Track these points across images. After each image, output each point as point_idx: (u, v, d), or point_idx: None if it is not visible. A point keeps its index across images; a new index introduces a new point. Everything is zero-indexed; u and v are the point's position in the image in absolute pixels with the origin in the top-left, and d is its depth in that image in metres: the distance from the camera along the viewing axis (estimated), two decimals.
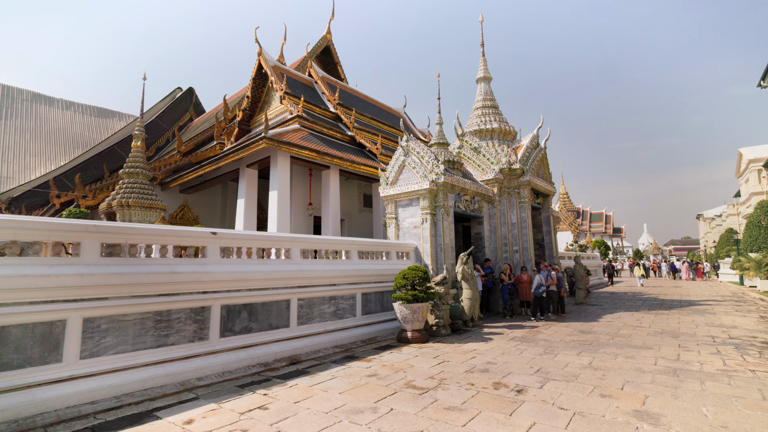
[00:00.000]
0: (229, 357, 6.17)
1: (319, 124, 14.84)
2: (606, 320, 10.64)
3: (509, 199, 13.42)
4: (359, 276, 8.94)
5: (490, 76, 16.16)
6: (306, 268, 7.71)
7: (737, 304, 14.05)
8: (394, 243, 10.47)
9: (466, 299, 9.73)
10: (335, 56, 24.68)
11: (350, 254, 9.07)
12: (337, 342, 7.90)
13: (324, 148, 13.07)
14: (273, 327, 7.05)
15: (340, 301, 8.44)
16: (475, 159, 13.93)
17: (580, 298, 14.52)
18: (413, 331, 8.04)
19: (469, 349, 7.33)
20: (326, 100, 17.92)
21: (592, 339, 8.14)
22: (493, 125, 14.86)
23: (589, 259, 26.89)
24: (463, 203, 11.85)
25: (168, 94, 33.04)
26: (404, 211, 11.48)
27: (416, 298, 8.08)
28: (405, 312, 8.02)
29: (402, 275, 8.28)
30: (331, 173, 13.81)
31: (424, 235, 10.81)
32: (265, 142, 11.16)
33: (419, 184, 10.91)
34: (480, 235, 12.94)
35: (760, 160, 34.08)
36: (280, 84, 15.15)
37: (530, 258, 12.98)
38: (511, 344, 7.71)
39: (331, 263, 8.36)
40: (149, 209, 12.83)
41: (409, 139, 11.65)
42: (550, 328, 9.49)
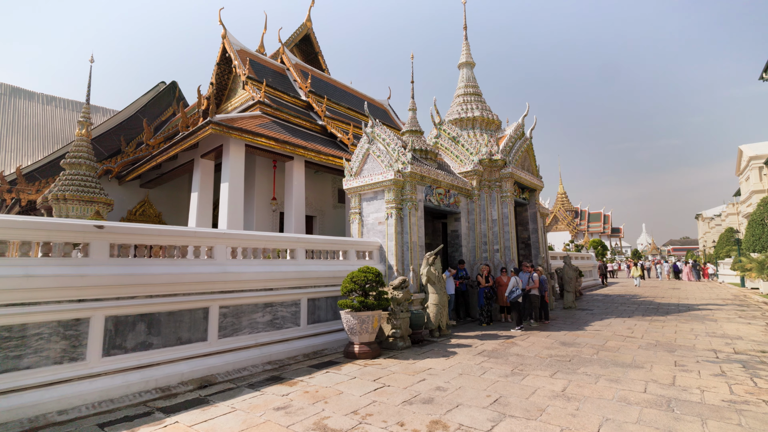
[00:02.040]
0: (113, 381, 4.93)
1: (285, 112, 13.60)
2: (594, 329, 9.41)
3: (490, 194, 12.18)
4: (306, 279, 7.71)
5: (472, 61, 14.94)
6: (232, 270, 6.47)
7: (740, 309, 12.85)
8: (354, 241, 9.23)
9: (431, 305, 8.49)
10: (316, 45, 23.43)
11: (295, 253, 7.83)
12: (270, 357, 6.66)
13: (284, 135, 11.83)
14: (184, 341, 5.81)
15: (279, 309, 7.20)
16: (453, 150, 12.70)
17: (568, 301, 13.30)
18: (361, 345, 6.80)
19: (423, 367, 6.09)
20: (298, 88, 16.67)
21: (574, 353, 6.91)
22: (474, 113, 13.64)
23: (583, 260, 25.69)
24: (435, 197, 10.62)
25: (151, 89, 31.88)
26: (368, 206, 10.24)
27: (365, 306, 6.84)
28: (352, 322, 6.78)
29: (350, 278, 7.05)
30: (295, 164, 12.57)
31: (388, 231, 9.57)
32: (211, 127, 9.92)
33: (383, 175, 9.68)
34: (457, 233, 11.70)
35: (761, 157, 32.93)
36: (243, 68, 13.91)
37: (513, 258, 11.75)
38: (476, 361, 6.47)
39: (266, 264, 7.12)
40: (90, 203, 11.57)
41: (375, 125, 10.41)
42: (527, 339, 8.26)
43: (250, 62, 15.18)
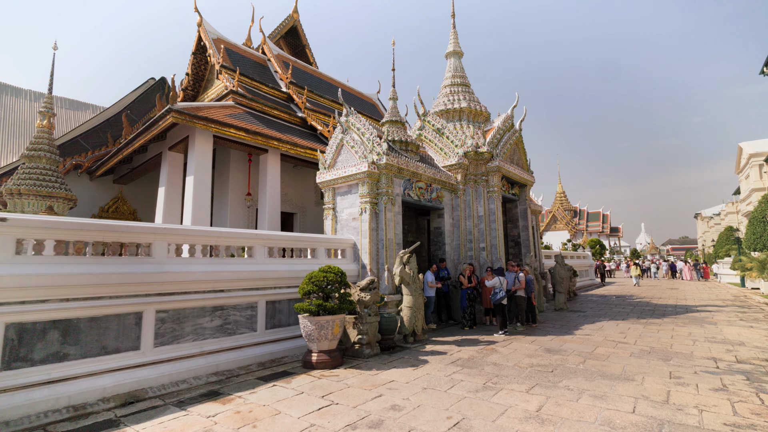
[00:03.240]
0: (12, 399, 4.21)
1: (261, 103, 12.86)
2: (584, 333, 8.70)
3: (476, 188, 11.47)
4: (265, 279, 6.99)
5: (460, 50, 14.22)
6: (172, 269, 5.74)
7: (741, 311, 12.15)
8: (323, 238, 8.51)
9: (405, 308, 7.78)
10: (303, 38, 22.66)
11: (253, 251, 7.11)
12: (218, 367, 5.94)
13: (255, 126, 11.09)
14: (110, 351, 5.08)
15: (232, 313, 6.48)
16: (437, 142, 11.98)
17: (560, 303, 12.59)
18: (320, 353, 6.08)
19: (384, 380, 5.37)
20: (279, 79, 15.93)
21: (558, 363, 6.20)
22: (461, 104, 12.92)
23: (579, 259, 25.01)
24: (415, 191, 9.90)
25: (140, 85, 31.15)
26: (343, 200, 9.52)
27: (324, 309, 6.12)
28: (309, 328, 6.06)
29: (308, 278, 6.32)
30: (270, 157, 11.84)
31: (362, 228, 8.85)
32: (172, 116, 9.20)
33: (357, 167, 8.96)
34: (440, 230, 10.99)
35: (761, 154, 32.25)
36: (218, 56, 13.18)
37: (500, 257, 11.03)
38: (447, 371, 5.76)
39: (216, 263, 6.39)
40: (47, 198, 10.83)
41: (350, 114, 9.69)
42: (509, 345, 7.54)
43: (226, 51, 14.44)
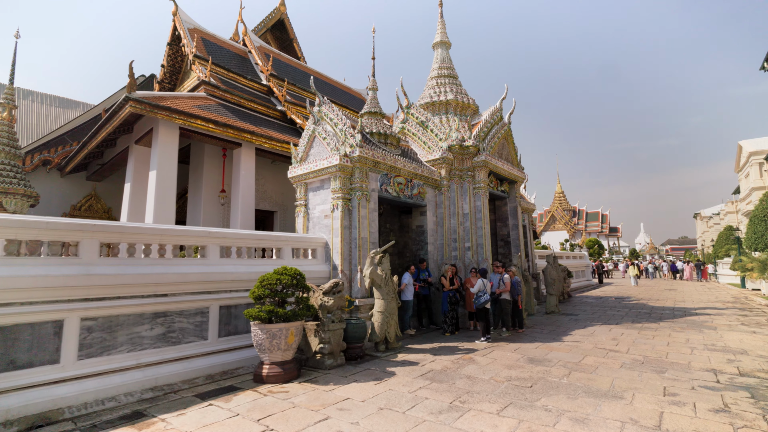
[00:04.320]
0: None
1: (237, 95, 12.20)
2: (573, 339, 8.05)
3: (461, 184, 10.81)
4: (218, 282, 6.32)
5: (448, 40, 13.57)
6: (100, 271, 5.08)
7: (742, 314, 11.51)
8: (289, 236, 7.84)
9: (376, 313, 7.11)
10: (290, 32, 22.00)
11: (206, 251, 6.45)
12: (157, 381, 5.27)
13: (225, 118, 10.42)
14: (20, 366, 4.41)
15: (177, 320, 5.81)
16: (421, 135, 11.32)
17: (551, 306, 11.94)
18: (272, 366, 5.41)
19: (338, 397, 4.71)
20: (259, 71, 15.27)
21: (540, 375, 5.54)
22: (448, 97, 12.27)
23: (575, 259, 24.37)
24: (394, 187, 9.24)
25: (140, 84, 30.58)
26: (315, 196, 8.86)
27: (276, 316, 5.45)
28: (260, 337, 5.40)
29: (261, 281, 5.66)
30: (243, 152, 11.18)
31: (334, 226, 8.20)
32: (131, 105, 8.54)
33: (329, 160, 8.30)
34: (422, 229, 10.33)
35: (761, 152, 31.63)
36: (191, 46, 12.53)
37: (486, 257, 10.37)
38: (412, 386, 5.10)
39: (157, 264, 5.72)
40: (4, 195, 10.16)
41: (323, 103, 9.03)
42: (490, 354, 6.88)
43: (202, 41, 13.77)
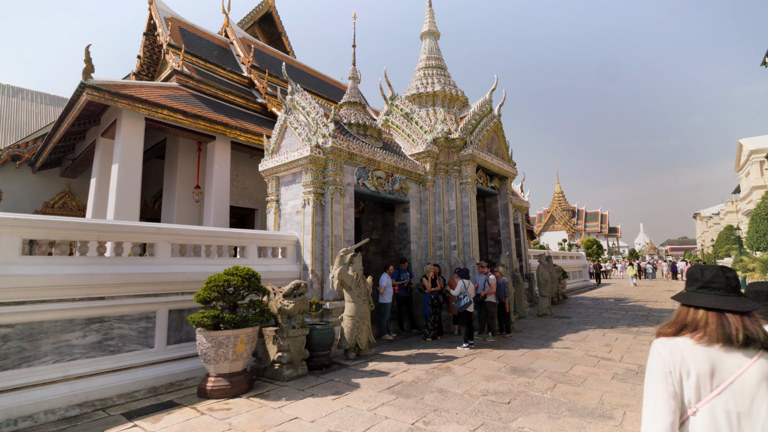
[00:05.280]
0: None
1: (213, 86, 11.58)
2: (563, 345, 7.44)
3: (447, 180, 10.20)
4: (168, 283, 5.71)
5: (436, 30, 12.97)
6: (18, 272, 4.46)
7: None
8: (255, 234, 7.22)
9: (346, 317, 6.50)
10: (279, 25, 21.41)
11: (155, 249, 5.84)
12: (87, 396, 4.65)
13: (197, 109, 9.81)
14: None
15: (117, 326, 5.20)
16: (405, 128, 10.71)
17: (543, 308, 11.32)
18: (218, 378, 4.80)
19: (285, 417, 4.10)
20: (241, 63, 14.67)
21: (521, 389, 4.93)
22: (435, 88, 11.66)
23: (572, 259, 23.76)
24: (372, 181, 8.63)
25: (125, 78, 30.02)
26: (287, 191, 8.25)
27: (223, 322, 4.84)
28: (204, 345, 4.79)
29: (208, 283, 5.04)
30: (218, 145, 10.57)
31: (305, 222, 7.59)
32: (87, 93, 7.93)
33: (300, 151, 7.69)
34: (405, 226, 9.71)
35: (762, 150, 31.07)
36: (165, 35, 11.91)
37: (473, 256, 9.76)
38: (374, 402, 4.49)
39: (91, 263, 5.10)
40: None
41: (296, 91, 8.42)
42: (470, 362, 6.27)
43: (180, 31, 13.16)
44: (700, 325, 1.32)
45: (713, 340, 1.28)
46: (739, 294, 1.34)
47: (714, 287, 1.36)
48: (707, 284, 1.38)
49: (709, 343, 1.28)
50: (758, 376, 1.22)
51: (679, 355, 1.30)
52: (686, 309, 1.39)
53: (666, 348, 1.32)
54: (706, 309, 1.33)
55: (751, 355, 1.25)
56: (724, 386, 1.24)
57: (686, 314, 1.37)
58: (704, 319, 1.32)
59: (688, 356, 1.28)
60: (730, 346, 1.26)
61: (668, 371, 1.29)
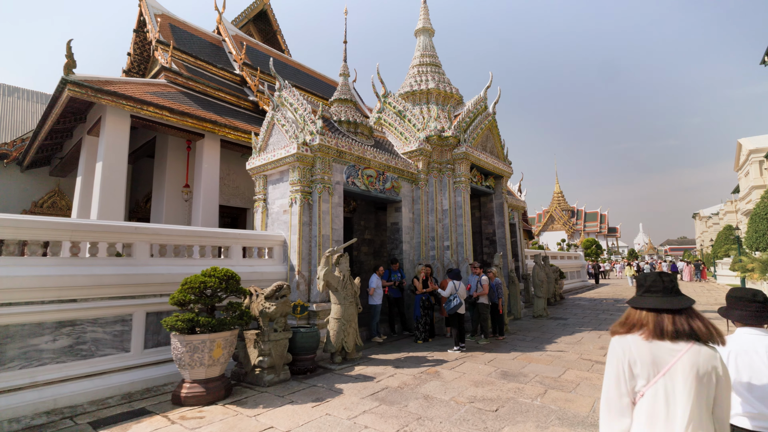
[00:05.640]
0: None
1: (203, 83, 11.37)
2: (557, 348, 7.24)
3: (440, 178, 10.00)
4: (146, 285, 5.52)
5: (431, 27, 12.76)
6: None
7: None
8: (240, 234, 7.02)
9: (332, 320, 6.29)
10: (274, 23, 21.20)
11: (133, 249, 5.64)
12: (56, 404, 4.46)
13: (184, 106, 9.61)
14: None
15: (90, 329, 5.00)
16: (398, 126, 10.51)
17: (539, 309, 11.12)
18: (193, 384, 4.59)
19: (258, 427, 3.89)
20: (233, 61, 14.47)
21: (510, 395, 4.73)
22: (429, 85, 11.45)
23: (570, 259, 23.57)
24: (363, 180, 8.42)
25: None
26: (274, 190, 8.05)
27: (198, 325, 4.64)
28: (179, 350, 4.58)
29: (183, 284, 4.84)
30: (206, 143, 10.37)
31: (292, 222, 7.39)
32: (69, 89, 7.72)
33: (287, 149, 7.49)
34: (397, 226, 9.51)
35: (761, 150, 30.87)
36: (155, 31, 11.71)
37: (467, 257, 9.57)
38: (356, 410, 4.29)
39: (63, 264, 4.90)
40: None
41: (284, 87, 8.22)
42: (460, 366, 6.07)
43: (171, 27, 12.95)
44: (643, 324, 1.56)
45: (652, 335, 1.52)
46: (675, 295, 1.57)
47: (654, 291, 1.60)
48: (649, 289, 1.62)
49: (650, 339, 1.52)
50: (689, 362, 1.43)
51: (629, 350, 1.54)
52: (634, 311, 1.62)
53: (619, 345, 1.57)
54: (648, 310, 1.57)
55: (682, 346, 1.47)
56: (662, 373, 1.46)
57: (634, 315, 1.61)
58: (646, 319, 1.56)
59: (636, 351, 1.52)
60: (664, 339, 1.49)
61: (620, 364, 1.54)
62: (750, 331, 1.95)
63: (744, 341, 1.92)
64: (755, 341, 1.89)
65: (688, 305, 1.54)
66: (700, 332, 1.48)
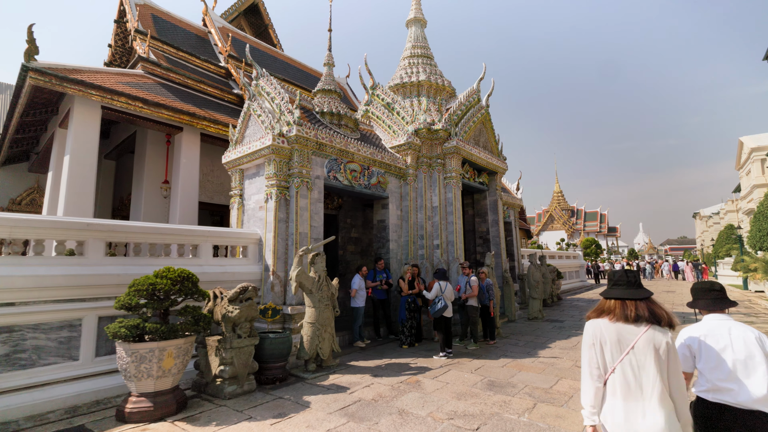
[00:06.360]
0: None
1: (183, 75, 10.89)
2: (550, 354, 6.76)
3: (430, 174, 9.51)
4: (98, 287, 5.03)
5: (423, 17, 12.28)
6: None
7: (747, 320, 10.22)
8: (210, 231, 6.53)
9: (306, 325, 5.81)
10: (266, 17, 20.71)
11: (85, 247, 5.15)
12: None
13: (160, 97, 9.12)
14: None
15: (31, 336, 4.51)
16: (386, 119, 10.03)
17: (534, 311, 10.64)
18: (139, 398, 4.11)
19: None
20: (218, 53, 13.99)
21: (494, 410, 4.25)
22: (420, 77, 10.96)
23: (568, 259, 23.08)
24: (346, 174, 7.94)
25: None
26: (251, 185, 7.58)
27: (147, 332, 4.15)
28: (124, 360, 4.10)
29: (131, 287, 4.35)
30: (185, 137, 9.88)
31: (267, 219, 6.91)
32: (32, 77, 7.22)
33: (262, 141, 7.00)
34: (384, 224, 9.03)
35: (763, 148, 30.41)
36: (134, 21, 11.22)
37: (457, 256, 9.09)
38: (320, 428, 3.80)
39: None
40: None
41: (261, 76, 7.74)
42: (443, 375, 5.59)
43: (153, 18, 12.46)
44: (611, 310, 1.93)
45: (618, 319, 1.89)
46: (637, 288, 1.93)
47: (620, 284, 1.97)
48: (617, 283, 1.99)
49: (616, 322, 1.89)
50: (646, 341, 1.79)
51: (599, 330, 1.91)
52: (605, 300, 2.00)
53: (591, 326, 1.96)
54: (615, 299, 1.95)
55: (642, 327, 1.83)
56: (627, 350, 1.81)
57: (604, 303, 1.99)
58: (614, 306, 1.93)
59: (605, 331, 1.89)
60: (627, 322, 1.86)
61: (592, 343, 1.92)
62: (714, 316, 2.22)
63: (710, 326, 2.17)
64: (719, 325, 2.15)
65: (647, 296, 1.89)
66: (656, 317, 1.83)
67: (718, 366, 2.04)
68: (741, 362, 1.99)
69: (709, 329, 2.14)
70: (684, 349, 2.15)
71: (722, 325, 2.13)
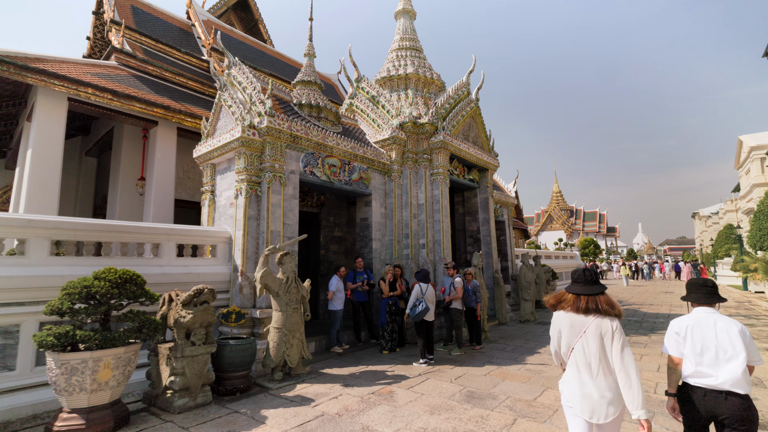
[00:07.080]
0: None
1: (161, 67, 10.44)
2: (538, 360, 6.33)
3: (416, 170, 9.08)
4: (40, 289, 4.59)
5: (412, 9, 11.85)
6: None
7: (748, 322, 9.80)
8: (175, 229, 6.08)
9: (273, 330, 5.37)
10: (256, 12, 20.29)
11: (26, 246, 4.71)
12: None
13: (132, 89, 8.68)
14: None
15: None
16: (371, 113, 9.59)
17: (525, 313, 10.21)
18: (71, 415, 3.67)
19: None
20: (202, 46, 13.57)
21: (469, 427, 3.81)
22: (407, 70, 10.53)
23: (564, 259, 22.65)
24: (324, 169, 7.50)
25: None
26: (222, 180, 7.14)
27: (79, 341, 3.71)
28: (53, 372, 3.66)
29: (64, 289, 3.91)
30: (160, 131, 9.45)
31: (237, 216, 6.47)
32: None
33: (231, 133, 6.56)
34: (367, 222, 8.59)
35: (762, 147, 30.03)
36: (110, 11, 10.79)
37: (444, 256, 8.66)
38: None
39: None
40: None
41: (233, 65, 7.30)
42: (421, 385, 5.15)
43: (132, 9, 12.02)
44: (568, 302, 2.36)
45: (572, 310, 2.32)
46: (593, 284, 2.35)
47: (578, 281, 2.39)
48: (576, 280, 2.41)
49: (569, 312, 2.33)
50: (594, 328, 2.22)
51: (559, 319, 2.39)
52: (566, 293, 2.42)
53: (554, 317, 2.42)
54: (572, 293, 2.38)
55: (591, 318, 2.26)
56: (580, 335, 2.25)
57: (564, 295, 2.42)
58: (570, 299, 2.37)
59: (563, 319, 2.35)
60: (578, 313, 2.30)
61: (555, 330, 2.41)
62: (702, 309, 2.42)
63: (698, 318, 2.39)
64: (706, 317, 2.36)
65: (599, 292, 2.31)
66: (602, 309, 2.25)
67: (702, 352, 2.28)
68: (723, 350, 2.22)
69: (696, 320, 2.38)
70: (673, 335, 2.42)
71: (709, 317, 2.36)
